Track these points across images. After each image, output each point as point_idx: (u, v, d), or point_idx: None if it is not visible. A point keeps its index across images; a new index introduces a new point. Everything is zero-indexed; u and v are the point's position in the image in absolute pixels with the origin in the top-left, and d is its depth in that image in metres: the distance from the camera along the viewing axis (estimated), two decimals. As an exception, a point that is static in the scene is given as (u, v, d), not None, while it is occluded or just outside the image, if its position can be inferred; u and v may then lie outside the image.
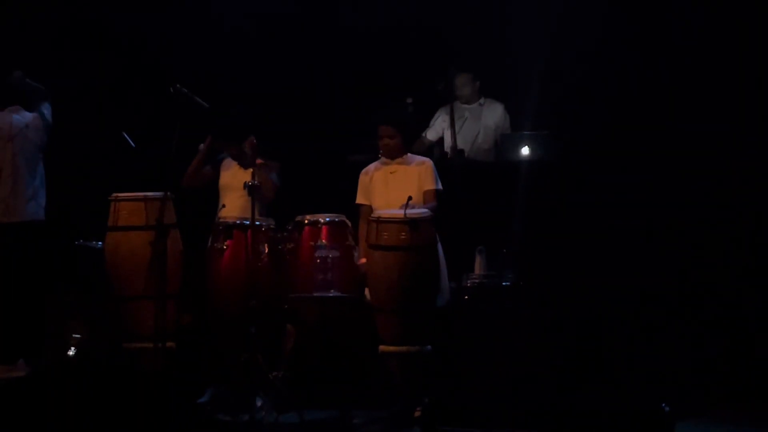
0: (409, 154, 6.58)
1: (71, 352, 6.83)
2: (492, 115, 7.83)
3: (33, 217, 6.98)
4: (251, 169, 6.49)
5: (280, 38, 8.17)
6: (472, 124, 7.81)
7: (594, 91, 7.49)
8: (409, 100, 7.17)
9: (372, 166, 6.61)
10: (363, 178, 6.58)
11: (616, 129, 7.36)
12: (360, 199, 6.57)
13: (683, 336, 6.85)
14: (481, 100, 7.89)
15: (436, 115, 7.77)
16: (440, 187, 6.49)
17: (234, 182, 6.76)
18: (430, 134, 7.81)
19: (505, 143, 7.46)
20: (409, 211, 6.13)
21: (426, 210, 6.29)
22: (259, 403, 6.25)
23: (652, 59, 7.50)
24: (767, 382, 6.69)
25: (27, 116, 7.01)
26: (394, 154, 6.51)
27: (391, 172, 6.52)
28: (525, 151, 7.25)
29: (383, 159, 6.57)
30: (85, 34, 8.13)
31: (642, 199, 7.08)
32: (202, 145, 6.85)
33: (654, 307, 6.86)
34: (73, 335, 6.90)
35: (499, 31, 7.79)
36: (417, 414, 5.78)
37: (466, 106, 7.90)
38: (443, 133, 7.78)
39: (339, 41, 8.14)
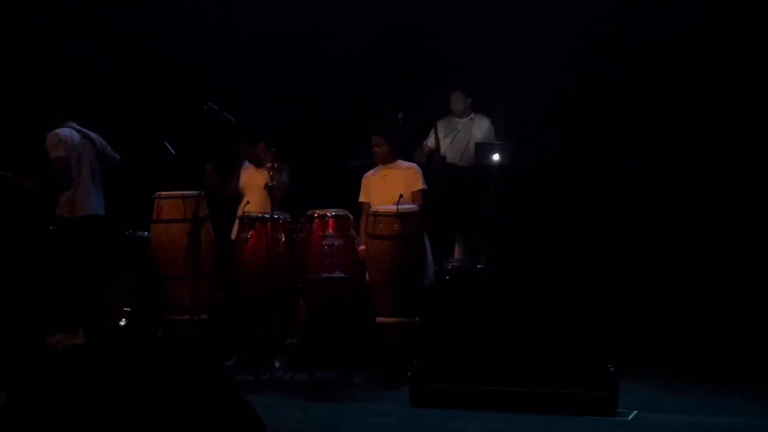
0: (399, 160, 7.06)
1: (122, 323, 7.28)
2: (480, 128, 8.17)
3: (94, 211, 7.41)
4: (267, 172, 6.92)
5: (296, 61, 8.58)
6: (463, 136, 8.14)
7: (555, 106, 7.84)
8: (400, 115, 7.47)
9: (371, 172, 7.13)
10: (364, 181, 7.11)
11: (573, 137, 7.76)
12: (362, 198, 7.09)
13: (628, 302, 7.28)
14: (472, 115, 8.20)
15: (433, 129, 8.06)
16: (426, 187, 6.97)
17: (252, 182, 7.28)
18: (430, 142, 8.08)
19: (480, 150, 7.80)
20: (400, 207, 6.64)
21: (414, 206, 6.80)
22: (276, 365, 6.78)
23: (603, 79, 7.87)
24: (703, 342, 7.11)
25: (83, 131, 7.48)
26: (384, 160, 7.02)
27: (384, 175, 7.03)
28: (496, 157, 7.61)
29: (379, 165, 7.08)
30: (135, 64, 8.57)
31: (593, 194, 7.51)
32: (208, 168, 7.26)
33: (603, 283, 7.25)
34: (124, 309, 7.34)
35: (484, 52, 8.07)
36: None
37: (459, 119, 8.21)
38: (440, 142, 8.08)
39: (346, 65, 8.51)
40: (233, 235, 7.26)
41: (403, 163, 7.13)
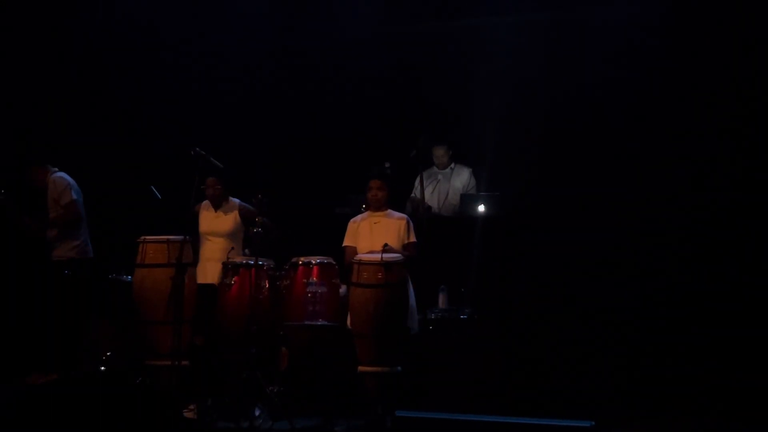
0: (390, 210, 6.95)
1: (103, 368, 7.12)
2: (459, 178, 8.26)
3: (81, 255, 7.43)
4: (257, 220, 6.81)
5: (284, 109, 8.63)
6: (444, 185, 8.21)
7: (535, 161, 7.93)
8: (387, 164, 7.36)
9: (359, 217, 6.98)
10: (352, 226, 6.95)
11: (553, 191, 7.76)
12: (347, 242, 6.93)
13: (611, 359, 7.15)
14: (452, 165, 8.29)
15: (417, 179, 7.95)
16: (416, 239, 6.87)
17: (212, 228, 7.17)
18: (417, 193, 7.91)
19: (465, 201, 7.77)
20: (385, 256, 6.52)
21: (398, 255, 6.64)
22: (257, 413, 6.59)
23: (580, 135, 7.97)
24: (682, 400, 7.06)
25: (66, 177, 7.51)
26: (380, 205, 6.90)
27: (374, 222, 6.89)
28: (481, 208, 7.59)
29: (369, 212, 6.94)
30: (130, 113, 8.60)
31: (574, 246, 7.43)
32: None
33: (584, 335, 7.15)
34: (105, 353, 7.20)
35: (467, 107, 8.22)
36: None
37: (440, 170, 8.28)
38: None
39: (334, 114, 8.56)
40: (216, 280, 7.09)
41: (394, 213, 7.02)
